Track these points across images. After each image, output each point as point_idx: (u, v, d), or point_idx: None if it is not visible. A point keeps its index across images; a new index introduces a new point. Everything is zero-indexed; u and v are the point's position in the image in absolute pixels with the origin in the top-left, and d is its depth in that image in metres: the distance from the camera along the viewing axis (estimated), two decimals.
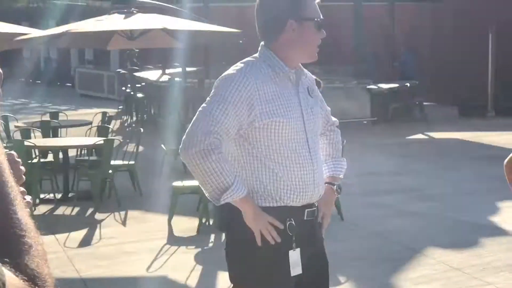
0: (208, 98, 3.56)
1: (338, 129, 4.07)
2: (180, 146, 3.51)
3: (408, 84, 20.03)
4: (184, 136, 3.51)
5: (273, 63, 3.61)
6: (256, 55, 3.68)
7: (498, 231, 8.90)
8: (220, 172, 3.44)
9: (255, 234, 3.53)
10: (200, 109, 3.54)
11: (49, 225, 9.38)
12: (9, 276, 1.09)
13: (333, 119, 4.04)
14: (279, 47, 3.63)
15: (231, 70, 3.60)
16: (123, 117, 20.71)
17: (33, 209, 9.99)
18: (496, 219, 9.44)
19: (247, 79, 3.52)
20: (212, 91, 3.57)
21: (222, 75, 3.60)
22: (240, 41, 13.50)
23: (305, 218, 3.65)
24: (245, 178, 3.59)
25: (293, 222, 3.59)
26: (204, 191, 3.57)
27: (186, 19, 14.10)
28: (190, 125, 3.53)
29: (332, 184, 3.91)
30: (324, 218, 3.84)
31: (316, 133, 3.77)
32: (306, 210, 3.66)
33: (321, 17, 3.67)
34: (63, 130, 13.66)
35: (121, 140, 12.01)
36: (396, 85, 19.74)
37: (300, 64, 3.74)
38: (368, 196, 10.99)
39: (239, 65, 3.62)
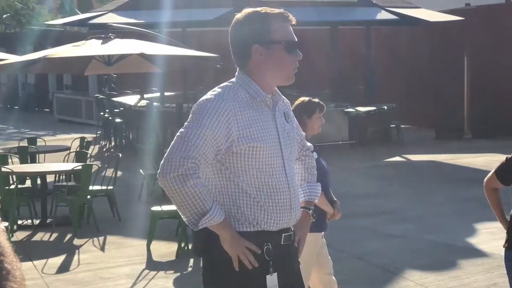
0: (185, 123, 3.58)
1: (312, 154, 4.09)
2: (158, 171, 3.52)
3: (385, 107, 20.15)
4: (162, 161, 3.52)
5: (249, 87, 3.63)
6: (234, 79, 3.70)
7: (475, 253, 8.96)
8: (198, 197, 3.45)
9: (233, 259, 3.54)
10: (177, 134, 3.55)
11: (27, 251, 9.34)
12: None
13: (308, 144, 4.06)
14: (252, 72, 3.65)
15: (209, 95, 3.61)
16: (101, 142, 20.67)
17: (11, 235, 9.94)
18: (473, 241, 9.49)
19: (224, 104, 3.53)
20: (190, 116, 3.59)
21: (200, 100, 3.61)
22: (218, 66, 13.54)
23: (282, 243, 3.67)
24: (222, 203, 3.60)
25: (270, 247, 3.60)
26: (182, 216, 3.57)
27: (163, 44, 14.13)
28: (168, 150, 3.54)
29: (307, 209, 3.92)
30: (300, 243, 3.86)
31: (293, 158, 3.79)
32: (283, 234, 3.68)
33: (294, 39, 3.65)
34: (41, 155, 13.61)
35: (100, 165, 11.99)
36: (374, 108, 19.85)
37: (276, 89, 3.75)
38: (346, 219, 10.97)
39: (216, 90, 3.64)
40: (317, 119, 5.95)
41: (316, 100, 6.02)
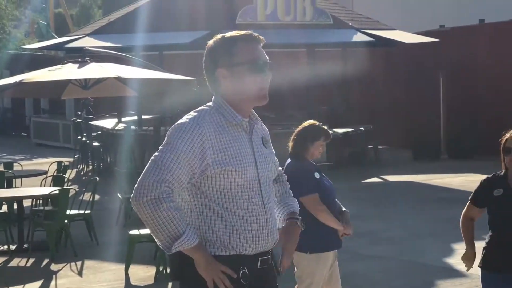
0: (160, 147, 3.58)
1: (285, 175, 4.09)
2: (132, 195, 3.52)
3: (362, 129, 20.23)
4: (136, 185, 3.52)
5: (225, 111, 3.64)
6: (210, 103, 3.71)
7: (453, 273, 8.98)
8: (171, 221, 3.45)
9: (208, 283, 3.53)
10: (152, 158, 3.55)
11: (3, 277, 9.26)
12: None
13: (280, 168, 4.06)
14: (225, 96, 3.67)
15: (184, 119, 3.61)
16: (79, 166, 20.58)
17: None
18: (451, 261, 9.52)
19: (199, 127, 3.54)
20: (165, 139, 3.59)
21: (175, 123, 3.62)
22: (195, 88, 13.55)
23: (259, 267, 3.66)
24: (198, 227, 3.60)
25: (246, 271, 3.59)
26: (155, 239, 3.57)
27: (140, 67, 14.13)
28: (142, 174, 3.54)
29: (295, 219, 3.90)
30: (289, 254, 3.84)
31: (269, 181, 3.79)
32: (260, 258, 3.67)
33: (260, 59, 3.63)
34: (18, 180, 13.53)
35: (77, 189, 11.93)
36: (351, 129, 19.92)
37: (254, 113, 3.75)
38: None
39: (192, 113, 3.64)
40: (319, 145, 6.05)
41: (325, 127, 6.07)
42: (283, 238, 3.82)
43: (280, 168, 4.07)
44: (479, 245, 5.46)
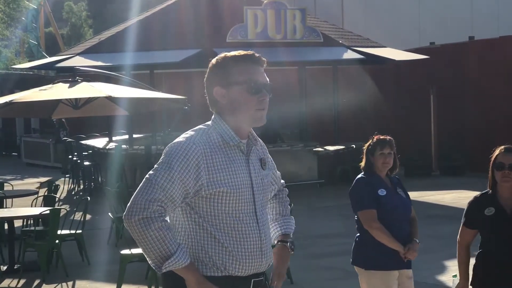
0: (155, 165, 3.56)
1: (286, 189, 4.09)
2: (124, 213, 3.51)
3: (353, 146, 20.24)
4: (128, 203, 3.51)
5: (223, 131, 3.61)
6: (209, 122, 3.69)
7: None
8: (162, 241, 3.44)
9: None
10: (146, 176, 3.54)
11: None
12: None
13: (282, 181, 4.07)
14: (223, 116, 3.65)
15: (181, 137, 3.60)
16: (70, 185, 20.52)
17: None
18: (443, 278, 9.52)
19: (195, 147, 3.52)
20: (161, 157, 3.58)
21: (172, 142, 3.60)
22: (186, 107, 13.56)
23: None
24: (190, 246, 3.58)
25: None
26: (147, 258, 3.55)
27: (131, 87, 14.13)
28: (135, 192, 3.53)
29: (285, 242, 3.90)
30: (281, 277, 3.83)
31: (265, 203, 3.77)
32: (253, 280, 3.65)
33: (258, 80, 3.61)
34: (9, 200, 13.48)
35: (68, 209, 11.90)
36: (342, 147, 19.95)
37: (253, 133, 3.72)
38: (317, 259, 11.01)
39: (189, 132, 3.63)
40: (379, 157, 6.03)
41: (380, 137, 6.08)
42: (274, 260, 3.81)
43: (282, 181, 4.07)
44: (471, 262, 5.45)
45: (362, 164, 6.11)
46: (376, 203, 5.94)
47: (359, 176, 6.11)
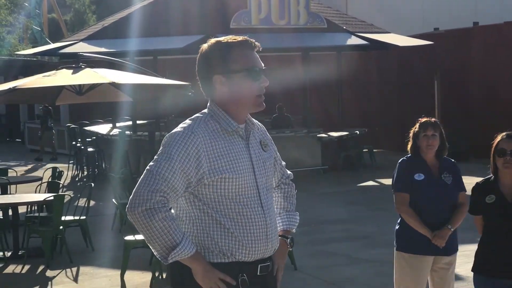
0: (155, 156, 3.56)
1: (292, 183, 4.08)
2: (127, 206, 3.50)
3: (357, 132, 20.25)
4: (131, 196, 3.50)
5: (220, 119, 3.61)
6: (205, 110, 3.68)
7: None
8: (167, 231, 3.44)
9: None
10: (147, 167, 3.53)
11: None
12: None
13: (288, 172, 4.06)
14: (221, 103, 3.64)
15: (179, 127, 3.59)
16: (74, 171, 20.55)
17: None
18: None
19: (194, 136, 3.51)
20: (160, 148, 3.57)
21: (170, 132, 3.60)
22: (189, 93, 13.54)
23: (258, 274, 3.64)
24: (196, 234, 3.58)
25: (245, 278, 3.58)
26: (152, 249, 3.55)
27: (134, 73, 14.11)
28: (137, 184, 3.53)
29: (285, 237, 3.89)
30: (278, 271, 3.83)
31: (269, 186, 3.77)
32: (260, 265, 3.65)
33: (257, 66, 3.62)
34: (13, 186, 13.50)
35: (72, 195, 11.93)
36: (346, 133, 19.94)
37: (250, 117, 3.73)
38: (320, 245, 11.02)
39: (187, 122, 3.62)
40: (423, 139, 6.04)
41: (423, 120, 6.12)
42: (275, 254, 3.80)
43: (290, 173, 4.06)
44: (473, 248, 5.46)
45: (408, 147, 6.16)
46: (410, 187, 5.99)
47: (403, 158, 6.17)
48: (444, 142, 6.09)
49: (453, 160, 6.18)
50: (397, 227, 6.14)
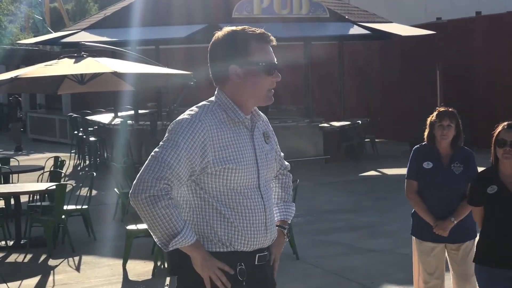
0: (161, 143, 3.55)
1: (290, 174, 4.08)
2: (130, 191, 3.50)
3: (359, 122, 20.23)
4: (134, 181, 3.50)
5: (228, 108, 3.60)
6: (212, 98, 3.67)
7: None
8: (169, 219, 3.44)
9: (204, 281, 3.53)
10: (152, 153, 3.52)
11: (1, 273, 9.23)
12: None
13: (286, 163, 4.05)
14: (231, 92, 3.63)
15: (186, 114, 3.57)
16: (76, 161, 20.56)
17: None
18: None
19: (201, 124, 3.50)
20: (166, 134, 3.56)
21: (177, 119, 3.58)
22: (191, 83, 13.53)
23: (256, 263, 3.65)
24: (195, 223, 3.58)
25: (243, 267, 3.58)
26: (153, 236, 3.55)
27: (136, 62, 14.10)
28: (141, 170, 3.52)
29: (282, 228, 3.90)
30: (275, 262, 3.84)
31: (270, 178, 3.78)
32: (258, 255, 3.66)
33: (273, 60, 3.63)
34: (15, 176, 13.51)
35: (74, 185, 11.94)
36: (348, 123, 19.93)
37: (256, 109, 3.73)
38: (322, 235, 11.03)
39: (194, 109, 3.61)
40: (438, 129, 6.14)
41: (441, 109, 6.21)
42: (272, 244, 3.80)
43: (287, 164, 4.06)
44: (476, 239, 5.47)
45: (425, 134, 6.25)
46: (418, 175, 6.16)
47: (417, 145, 6.30)
48: (460, 132, 6.18)
49: (469, 150, 6.24)
50: (412, 211, 6.31)
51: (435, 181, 6.00)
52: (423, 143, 6.24)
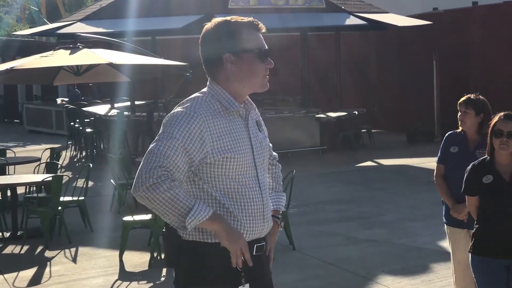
0: (156, 137, 3.55)
1: (279, 164, 4.08)
2: (131, 189, 3.49)
3: (356, 112, 20.23)
4: (138, 177, 3.48)
5: (222, 98, 3.61)
6: (205, 89, 3.67)
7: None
8: (176, 199, 3.41)
9: (232, 256, 3.50)
10: (148, 149, 3.53)
11: None
12: None
13: (274, 153, 4.06)
14: (224, 82, 3.64)
15: (180, 107, 3.58)
16: (72, 152, 20.55)
17: None
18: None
19: (197, 115, 3.50)
20: (161, 129, 3.56)
21: (171, 113, 3.58)
22: (187, 74, 13.51)
23: (254, 253, 3.64)
24: None
25: (243, 258, 3.58)
26: (169, 223, 3.51)
27: (132, 53, 14.08)
28: (139, 166, 3.51)
29: (276, 217, 3.90)
30: (270, 251, 3.84)
31: (265, 167, 3.80)
32: (255, 245, 3.66)
33: (265, 47, 3.67)
34: (11, 167, 13.50)
35: (70, 176, 11.93)
36: (344, 113, 19.93)
37: (248, 98, 3.74)
38: (318, 225, 11.04)
39: (187, 101, 3.61)
40: (460, 115, 6.29)
41: (464, 98, 6.30)
42: (267, 234, 3.79)
43: (275, 154, 4.06)
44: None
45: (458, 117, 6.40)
46: (445, 159, 6.31)
47: (450, 131, 6.43)
48: (485, 120, 6.21)
49: None
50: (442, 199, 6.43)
51: (459, 165, 6.05)
52: (457, 130, 6.37)
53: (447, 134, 6.41)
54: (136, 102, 20.76)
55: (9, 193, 11.36)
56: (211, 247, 3.56)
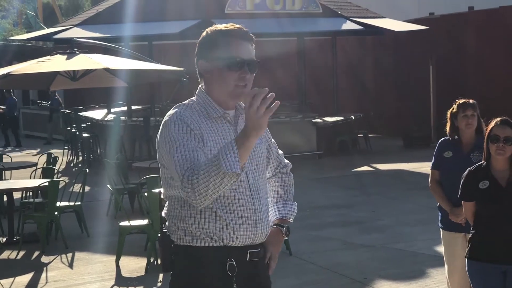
0: (161, 154, 3.56)
1: (291, 173, 4.04)
2: (184, 194, 3.39)
3: (352, 117, 20.24)
4: (183, 192, 3.40)
5: (206, 104, 3.62)
6: (194, 97, 3.70)
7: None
8: (209, 176, 3.28)
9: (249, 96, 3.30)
10: (165, 165, 3.53)
11: None
12: None
13: (286, 161, 4.03)
14: (206, 88, 3.67)
15: (166, 116, 3.60)
16: (68, 157, 20.53)
17: None
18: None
19: (182, 118, 3.52)
20: (159, 142, 3.55)
21: (161, 124, 3.60)
22: (184, 79, 13.51)
23: (247, 259, 3.63)
24: (183, 218, 3.56)
25: (233, 263, 3.56)
26: (228, 182, 3.31)
27: (129, 58, 14.09)
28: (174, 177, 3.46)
29: (281, 226, 3.87)
30: (272, 260, 3.82)
31: (260, 172, 3.73)
32: (249, 250, 3.63)
33: (242, 56, 3.56)
34: (7, 172, 13.49)
35: (67, 181, 11.93)
36: (341, 118, 19.94)
37: (241, 104, 3.69)
38: (315, 230, 11.04)
39: (173, 109, 3.64)
40: (462, 120, 6.27)
41: (461, 101, 6.33)
42: (269, 242, 3.77)
43: (287, 162, 4.03)
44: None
45: (447, 128, 6.42)
46: (439, 164, 6.36)
47: (443, 138, 6.48)
48: (481, 122, 6.30)
49: None
50: (437, 204, 6.44)
51: (453, 169, 6.08)
52: (446, 136, 6.41)
53: (440, 140, 6.45)
54: (133, 107, 20.75)
55: (5, 198, 11.35)
56: (201, 251, 3.56)
